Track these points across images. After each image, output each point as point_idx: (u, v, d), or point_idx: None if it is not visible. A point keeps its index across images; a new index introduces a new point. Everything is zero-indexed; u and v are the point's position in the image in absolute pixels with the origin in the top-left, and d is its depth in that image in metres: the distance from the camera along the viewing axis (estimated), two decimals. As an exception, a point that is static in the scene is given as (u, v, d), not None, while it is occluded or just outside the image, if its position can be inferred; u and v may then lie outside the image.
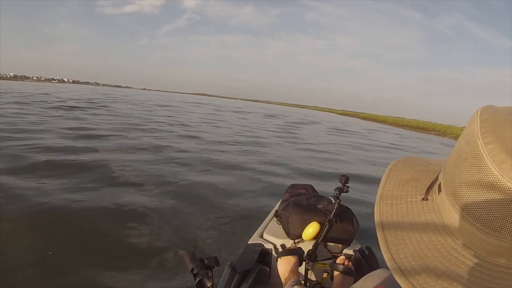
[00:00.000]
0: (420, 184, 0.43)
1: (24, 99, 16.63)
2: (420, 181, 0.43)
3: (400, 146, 13.77)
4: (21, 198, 3.18)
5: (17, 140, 5.85)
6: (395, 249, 0.38)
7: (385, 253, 0.38)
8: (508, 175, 0.29)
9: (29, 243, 2.42)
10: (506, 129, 0.31)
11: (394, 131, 25.87)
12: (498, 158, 0.30)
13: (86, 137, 7.02)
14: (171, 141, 7.67)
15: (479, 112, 0.35)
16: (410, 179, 0.44)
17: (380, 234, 0.40)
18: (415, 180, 0.44)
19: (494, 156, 0.30)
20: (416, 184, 0.43)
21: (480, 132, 0.32)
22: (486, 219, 0.32)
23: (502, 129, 0.31)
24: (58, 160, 4.77)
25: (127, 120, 11.33)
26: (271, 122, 18.63)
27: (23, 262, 2.16)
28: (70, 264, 2.20)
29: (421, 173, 0.45)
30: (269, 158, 6.87)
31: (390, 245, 0.38)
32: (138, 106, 20.51)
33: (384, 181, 0.46)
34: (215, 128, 12.06)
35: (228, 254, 2.45)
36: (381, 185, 0.45)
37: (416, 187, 0.43)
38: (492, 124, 0.33)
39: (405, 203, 0.41)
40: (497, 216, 0.31)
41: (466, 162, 0.33)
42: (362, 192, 4.32)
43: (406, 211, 0.40)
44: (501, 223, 0.31)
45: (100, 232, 2.71)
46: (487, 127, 0.32)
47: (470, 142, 0.33)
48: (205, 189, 4.14)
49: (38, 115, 10.28)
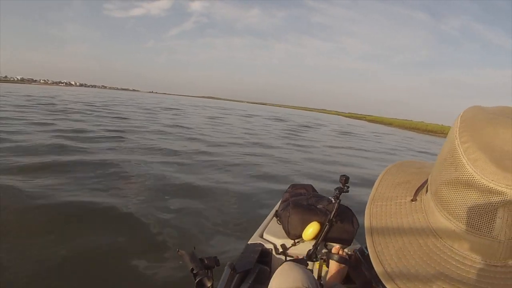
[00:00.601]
0: (411, 186, 0.43)
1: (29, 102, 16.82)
2: (411, 183, 0.44)
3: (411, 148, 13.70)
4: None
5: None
6: (380, 247, 0.38)
7: (371, 253, 0.39)
8: (482, 172, 0.29)
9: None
10: (483, 128, 0.32)
11: (405, 134, 25.62)
12: (473, 156, 0.30)
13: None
14: (173, 143, 7.73)
15: (462, 112, 0.36)
16: (402, 182, 0.45)
17: (368, 234, 0.41)
18: (407, 182, 0.44)
19: (469, 154, 0.31)
20: (408, 186, 0.44)
21: (458, 131, 0.33)
22: (464, 216, 0.32)
23: (479, 127, 0.32)
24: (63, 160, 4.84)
25: (131, 123, 11.49)
26: (278, 125, 18.61)
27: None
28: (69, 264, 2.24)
29: (413, 176, 0.45)
30: (271, 160, 6.88)
31: (376, 244, 0.39)
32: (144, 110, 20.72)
33: (377, 184, 0.47)
34: (220, 130, 12.10)
35: (228, 254, 2.45)
36: (373, 188, 0.46)
37: (407, 189, 0.43)
38: (470, 123, 0.33)
39: (394, 204, 0.42)
40: (474, 213, 0.31)
41: (445, 162, 0.34)
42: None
43: (394, 211, 0.41)
44: (478, 220, 0.31)
45: (100, 232, 2.72)
46: (465, 127, 0.33)
47: (449, 141, 0.34)
48: (205, 189, 4.15)
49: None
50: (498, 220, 0.30)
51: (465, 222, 0.32)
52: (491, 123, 0.32)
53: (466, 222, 0.32)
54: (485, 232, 0.31)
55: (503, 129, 0.30)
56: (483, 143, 0.31)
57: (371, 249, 0.39)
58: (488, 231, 0.31)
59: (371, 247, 0.39)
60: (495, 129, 0.31)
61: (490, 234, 0.31)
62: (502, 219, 0.30)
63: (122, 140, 7.24)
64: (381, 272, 0.36)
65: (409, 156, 11.23)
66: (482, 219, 0.31)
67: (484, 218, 0.31)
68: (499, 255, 0.31)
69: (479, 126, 0.32)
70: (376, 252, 0.38)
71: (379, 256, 0.38)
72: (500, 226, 0.30)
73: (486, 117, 0.33)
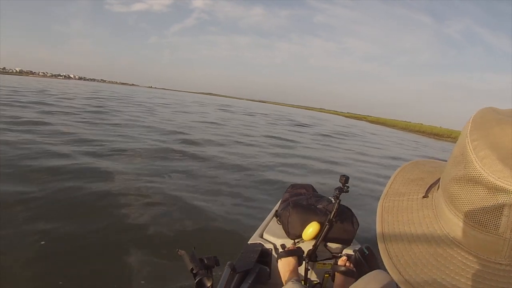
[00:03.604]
0: (424, 183, 0.44)
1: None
2: (425, 180, 0.45)
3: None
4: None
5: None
6: (390, 240, 0.40)
7: (380, 244, 0.40)
8: (489, 169, 0.30)
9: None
10: (492, 127, 0.33)
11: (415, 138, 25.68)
12: (481, 153, 0.31)
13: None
14: (166, 142, 7.72)
15: (475, 113, 0.37)
16: (416, 179, 0.46)
17: (379, 227, 0.42)
18: (421, 179, 0.46)
19: (478, 152, 0.32)
20: (421, 183, 0.45)
21: (469, 130, 0.34)
22: (471, 212, 0.33)
23: (489, 126, 0.33)
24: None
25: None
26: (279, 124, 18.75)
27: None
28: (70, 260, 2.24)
29: (427, 174, 0.46)
30: (268, 159, 6.89)
31: (386, 237, 0.41)
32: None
33: (391, 180, 0.48)
34: (218, 128, 12.08)
35: (228, 254, 2.45)
36: (388, 184, 0.48)
37: (420, 185, 0.44)
38: (481, 122, 0.34)
39: (406, 200, 0.43)
40: (481, 210, 0.32)
41: (456, 159, 0.35)
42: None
43: (405, 207, 0.42)
44: (484, 217, 0.32)
45: (99, 232, 2.73)
46: (476, 126, 0.34)
47: (460, 140, 0.35)
48: (206, 189, 4.15)
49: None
50: (504, 218, 0.30)
51: (471, 218, 0.33)
52: (500, 123, 0.32)
53: (473, 218, 0.33)
54: (490, 229, 0.32)
55: (511, 129, 0.31)
56: (491, 142, 0.32)
57: (380, 241, 0.41)
58: (494, 228, 0.31)
59: (381, 239, 0.41)
60: (503, 129, 0.32)
61: (496, 231, 0.31)
62: (508, 217, 0.30)
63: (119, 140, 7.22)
64: (387, 263, 0.38)
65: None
66: (488, 216, 0.31)
67: (490, 215, 0.31)
68: (504, 253, 0.32)
69: (489, 126, 0.33)
70: (385, 245, 0.40)
71: (387, 249, 0.39)
72: (506, 223, 0.30)
73: (496, 118, 0.33)
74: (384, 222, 0.42)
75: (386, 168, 7.90)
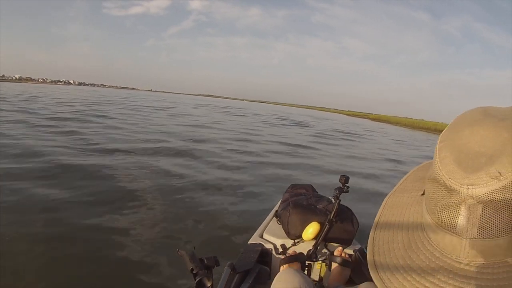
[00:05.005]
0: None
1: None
2: None
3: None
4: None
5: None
6: (379, 231, 0.42)
7: (370, 233, 0.42)
8: (444, 169, 0.32)
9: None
10: (463, 129, 0.34)
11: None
12: (442, 154, 0.33)
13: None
14: (166, 141, 7.72)
15: (460, 114, 0.37)
16: (424, 177, 0.47)
17: (376, 219, 0.44)
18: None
19: (440, 153, 0.34)
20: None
21: (443, 132, 0.36)
22: (435, 211, 0.35)
23: (460, 128, 0.34)
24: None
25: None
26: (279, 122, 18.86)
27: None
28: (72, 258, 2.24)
29: None
30: (268, 159, 6.88)
31: (377, 228, 0.42)
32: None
33: (405, 177, 0.49)
34: (222, 128, 12.09)
35: (228, 254, 2.45)
36: (400, 180, 0.49)
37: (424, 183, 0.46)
38: (456, 124, 0.35)
39: (409, 196, 0.45)
40: (441, 208, 0.33)
41: (433, 160, 0.36)
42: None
43: (404, 202, 0.44)
44: (445, 216, 0.33)
45: (99, 232, 2.72)
46: (450, 127, 0.36)
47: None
48: (206, 189, 4.15)
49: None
50: (460, 217, 0.31)
51: (436, 216, 0.35)
52: (473, 125, 0.33)
53: (437, 216, 0.34)
54: (450, 228, 0.33)
55: (482, 131, 0.32)
56: (455, 144, 0.33)
57: (372, 231, 0.42)
58: (452, 227, 0.32)
59: (372, 230, 0.42)
60: (473, 131, 0.32)
61: (455, 230, 0.32)
62: (464, 217, 0.31)
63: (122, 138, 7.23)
64: (369, 260, 0.39)
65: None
66: (448, 214, 0.33)
67: (449, 214, 0.33)
68: (464, 253, 0.32)
69: (460, 128, 0.34)
70: (374, 232, 0.42)
71: (374, 236, 0.41)
72: (462, 223, 0.31)
73: (474, 119, 0.34)
74: (382, 215, 0.44)
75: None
